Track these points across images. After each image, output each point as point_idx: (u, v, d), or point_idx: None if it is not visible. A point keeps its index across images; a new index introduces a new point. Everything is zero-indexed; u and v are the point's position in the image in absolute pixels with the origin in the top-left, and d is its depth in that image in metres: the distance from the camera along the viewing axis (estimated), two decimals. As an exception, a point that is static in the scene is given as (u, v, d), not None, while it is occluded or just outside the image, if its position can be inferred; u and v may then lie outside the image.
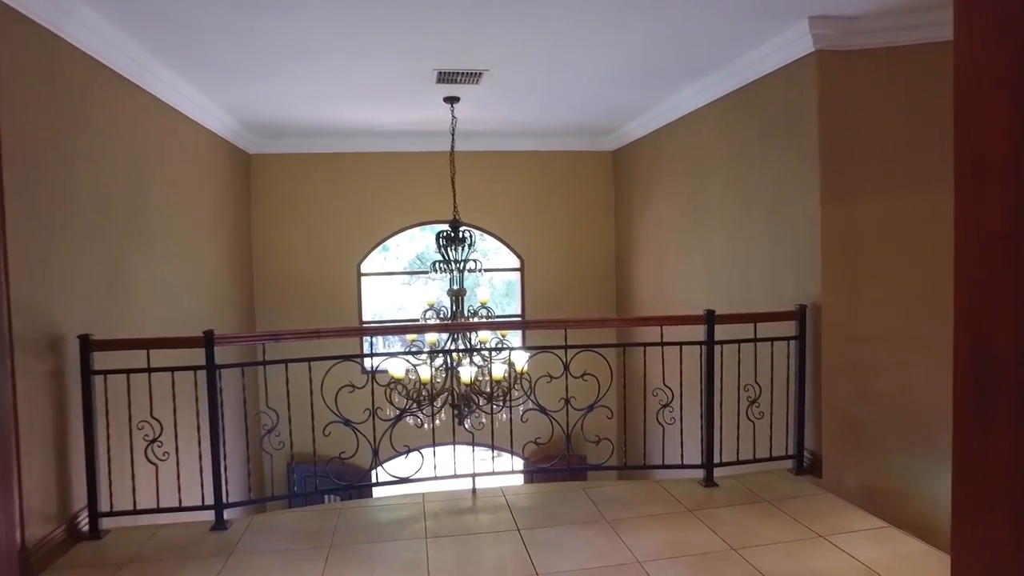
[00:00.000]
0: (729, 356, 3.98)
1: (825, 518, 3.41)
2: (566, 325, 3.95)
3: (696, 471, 4.00)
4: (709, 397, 3.95)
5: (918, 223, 3.70)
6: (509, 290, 9.26)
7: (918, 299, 3.76)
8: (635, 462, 4.06)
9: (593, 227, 8.07)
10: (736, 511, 3.53)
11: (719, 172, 5.17)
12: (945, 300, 3.39)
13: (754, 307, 4.41)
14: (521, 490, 3.96)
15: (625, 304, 7.66)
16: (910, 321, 3.84)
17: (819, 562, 2.94)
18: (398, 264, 10.63)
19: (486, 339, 5.23)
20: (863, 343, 3.88)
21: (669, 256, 6.28)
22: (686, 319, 4.02)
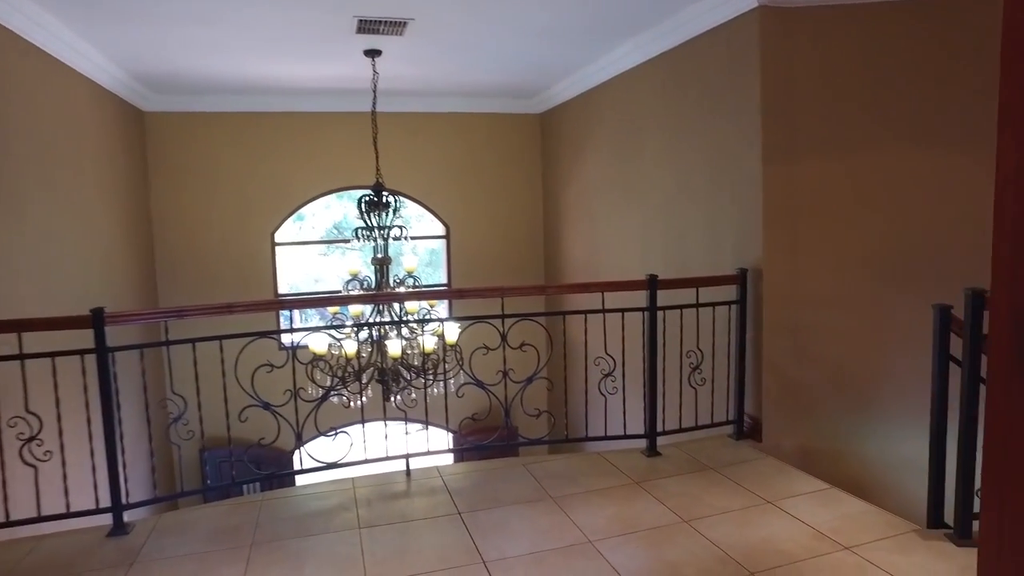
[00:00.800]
0: (671, 322, 3.87)
1: (770, 483, 3.38)
2: (503, 293, 3.72)
3: (639, 441, 3.90)
4: (652, 365, 3.84)
5: (858, 185, 3.67)
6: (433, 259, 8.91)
7: (856, 262, 3.76)
8: (577, 434, 3.91)
9: (520, 193, 7.83)
10: (682, 481, 3.45)
11: (655, 134, 5.03)
12: (881, 262, 3.34)
13: (692, 272, 4.32)
14: (458, 469, 3.73)
15: (554, 272, 7.51)
16: (848, 284, 3.84)
17: (770, 529, 2.88)
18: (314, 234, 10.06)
19: (414, 310, 4.94)
20: (803, 306, 3.86)
21: (601, 221, 6.14)
22: (628, 284, 3.86)
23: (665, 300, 3.82)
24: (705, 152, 4.38)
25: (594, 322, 3.80)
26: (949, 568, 2.54)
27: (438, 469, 3.71)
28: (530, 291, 4.12)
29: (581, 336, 3.84)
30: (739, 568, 2.57)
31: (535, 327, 4.08)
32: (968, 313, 2.65)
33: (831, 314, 3.85)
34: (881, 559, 2.61)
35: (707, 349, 3.98)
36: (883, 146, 3.39)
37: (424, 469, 3.70)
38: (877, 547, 2.71)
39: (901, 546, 2.71)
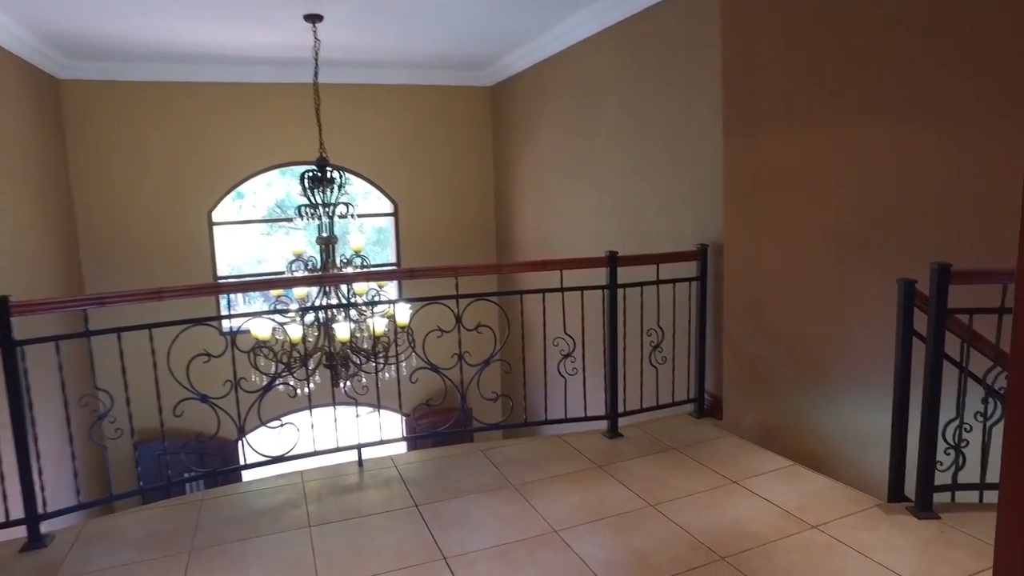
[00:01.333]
0: (631, 300, 3.77)
1: (733, 462, 3.33)
2: (456, 272, 3.53)
3: (600, 423, 3.80)
4: (613, 344, 3.73)
5: (821, 158, 3.60)
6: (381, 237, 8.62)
7: (817, 236, 3.70)
8: (536, 418, 3.79)
9: (471, 168, 7.61)
10: (646, 462, 3.36)
11: (611, 106, 4.88)
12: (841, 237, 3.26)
13: (651, 249, 4.22)
14: (414, 458, 3.56)
15: (506, 250, 7.35)
16: (808, 258, 3.79)
17: (738, 510, 2.82)
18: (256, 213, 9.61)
19: (363, 291, 4.71)
20: (763, 282, 3.80)
21: (555, 197, 5.99)
22: (588, 262, 3.73)
23: (625, 277, 3.70)
24: (664, 125, 4.27)
25: (553, 301, 3.66)
26: (912, 542, 2.52)
27: (392, 458, 3.53)
28: (485, 270, 3.95)
29: (539, 316, 3.70)
30: (709, 553, 2.49)
31: (491, 308, 3.91)
32: (933, 288, 2.61)
33: (791, 289, 3.80)
34: (848, 536, 2.58)
35: (668, 327, 3.90)
36: (846, 118, 3.33)
37: (377, 459, 3.52)
38: (843, 524, 2.67)
39: (865, 522, 2.69)
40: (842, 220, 3.57)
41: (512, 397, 3.69)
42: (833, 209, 3.56)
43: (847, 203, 3.56)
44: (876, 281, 3.69)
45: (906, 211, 3.32)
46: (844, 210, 3.52)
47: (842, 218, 3.56)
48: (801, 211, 3.68)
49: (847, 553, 2.47)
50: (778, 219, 3.74)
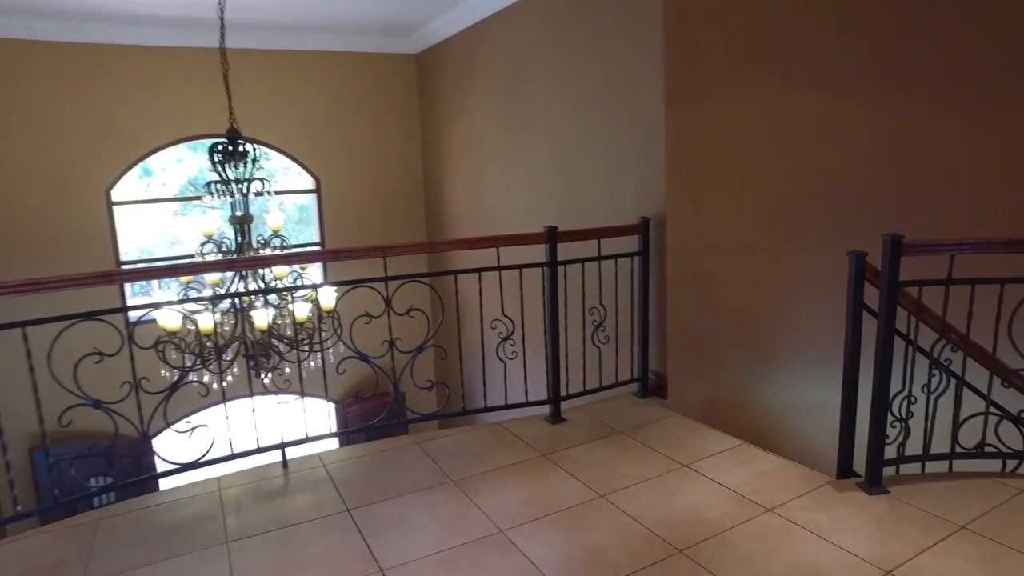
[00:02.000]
0: (572, 278, 3.58)
1: (682, 444, 3.22)
2: (385, 252, 3.24)
3: (542, 408, 3.62)
4: (554, 324, 3.54)
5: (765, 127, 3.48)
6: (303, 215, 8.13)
7: (759, 207, 3.61)
8: (475, 405, 3.58)
9: (398, 142, 7.23)
10: (592, 449, 3.21)
11: (546, 74, 4.64)
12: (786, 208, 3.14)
13: (590, 223, 4.02)
14: (344, 455, 3.28)
15: (437, 227, 7.04)
16: (751, 230, 3.70)
17: (692, 496, 2.70)
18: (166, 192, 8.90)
19: (283, 275, 4.34)
20: (707, 255, 3.68)
21: (488, 172, 5.72)
22: (526, 238, 3.50)
23: (565, 254, 3.51)
24: (602, 93, 4.06)
25: (489, 281, 3.44)
26: (865, 520, 2.47)
27: (320, 457, 3.24)
28: (416, 249, 3.68)
29: (475, 297, 3.46)
30: (666, 546, 2.35)
31: (423, 290, 3.67)
32: (886, 260, 2.52)
33: (735, 262, 3.70)
34: (803, 518, 2.49)
35: (610, 305, 3.74)
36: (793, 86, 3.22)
37: (304, 458, 3.22)
38: (797, 505, 2.59)
39: (819, 501, 2.61)
40: (786, 191, 3.48)
41: (448, 385, 3.46)
42: (777, 180, 3.46)
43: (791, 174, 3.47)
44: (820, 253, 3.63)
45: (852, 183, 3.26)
46: (788, 181, 3.43)
47: (786, 189, 3.47)
48: (745, 182, 3.57)
49: (804, 537, 2.38)
50: (721, 190, 3.62)
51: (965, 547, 2.27)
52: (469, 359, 3.54)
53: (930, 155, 3.14)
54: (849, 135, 3.28)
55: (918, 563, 2.19)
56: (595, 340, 3.73)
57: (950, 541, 2.31)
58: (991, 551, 2.24)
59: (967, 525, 2.40)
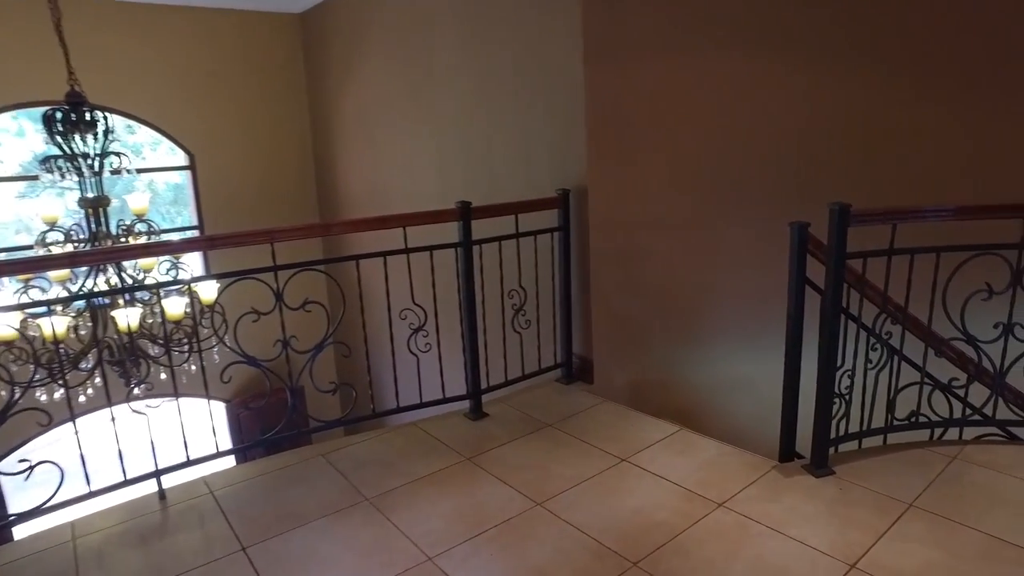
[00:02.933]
0: (489, 258, 3.24)
1: (616, 434, 2.98)
2: (272, 237, 2.76)
3: (461, 403, 3.28)
4: (470, 310, 3.19)
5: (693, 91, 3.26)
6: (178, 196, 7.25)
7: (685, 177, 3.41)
8: (386, 406, 3.19)
9: (283, 112, 6.53)
10: (521, 447, 2.91)
11: (449, 32, 4.20)
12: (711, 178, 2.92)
13: (503, 199, 3.67)
14: (236, 476, 2.80)
15: (331, 207, 6.46)
16: (673, 202, 3.50)
17: (637, 496, 2.46)
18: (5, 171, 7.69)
19: (150, 266, 3.72)
20: (630, 229, 3.45)
21: (387, 145, 5.23)
22: (436, 216, 3.11)
23: (479, 233, 3.15)
24: (513, 52, 3.70)
25: (396, 266, 3.04)
26: (818, 507, 2.33)
27: (207, 482, 2.74)
28: (309, 232, 3.20)
29: (381, 285, 3.05)
30: (619, 560, 2.09)
31: (320, 279, 3.21)
32: (833, 231, 2.35)
33: (660, 235, 3.50)
34: (757, 511, 2.32)
35: (530, 286, 3.44)
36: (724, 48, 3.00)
37: (186, 485, 2.72)
38: (748, 496, 2.42)
39: (768, 490, 2.45)
40: (711, 161, 3.29)
41: (355, 385, 3.04)
42: (703, 148, 3.26)
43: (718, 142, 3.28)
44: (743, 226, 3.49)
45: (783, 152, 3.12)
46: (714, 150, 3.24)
47: (711, 159, 3.28)
48: (670, 151, 3.34)
49: (762, 533, 2.19)
50: (646, 159, 3.38)
51: (918, 527, 2.17)
52: (377, 355, 3.14)
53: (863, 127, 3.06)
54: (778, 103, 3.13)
55: (878, 552, 2.06)
56: (516, 325, 3.42)
57: (903, 522, 2.20)
58: (943, 529, 2.16)
59: (914, 503, 2.32)
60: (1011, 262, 2.49)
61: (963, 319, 2.54)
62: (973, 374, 2.69)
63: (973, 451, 2.67)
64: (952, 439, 2.79)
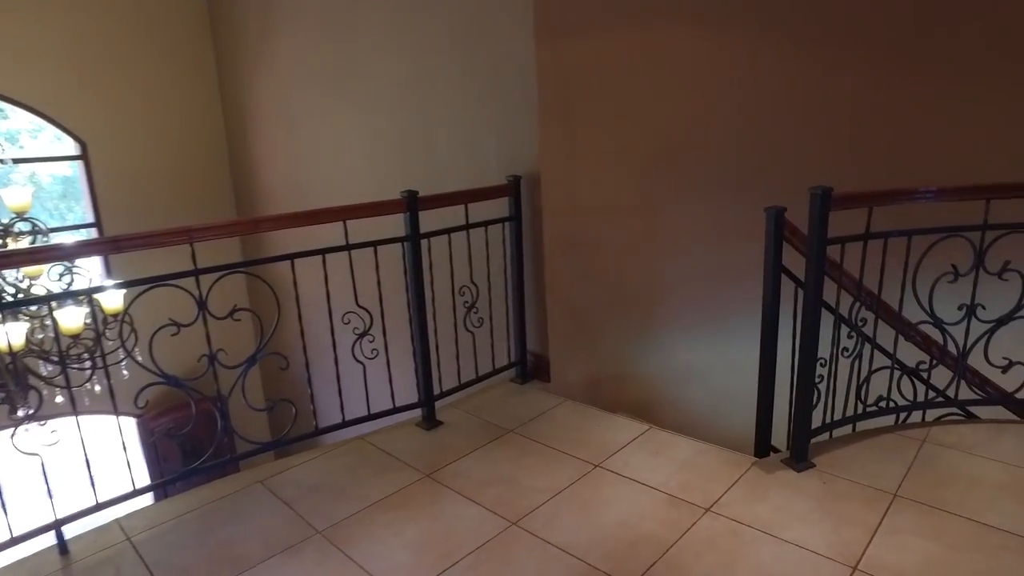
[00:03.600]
0: (437, 253, 2.97)
1: (583, 437, 2.80)
2: (191, 236, 2.38)
3: (413, 412, 3.01)
4: (420, 311, 2.91)
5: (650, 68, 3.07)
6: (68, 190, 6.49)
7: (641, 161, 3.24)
8: (330, 421, 2.86)
9: (190, 95, 5.93)
10: (484, 458, 2.67)
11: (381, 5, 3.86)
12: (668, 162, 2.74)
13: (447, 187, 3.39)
14: (157, 515, 2.41)
15: (248, 203, 5.95)
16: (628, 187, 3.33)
17: (618, 506, 2.28)
18: None
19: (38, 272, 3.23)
20: (585, 217, 3.26)
21: (311, 130, 4.82)
22: (380, 207, 2.81)
23: (427, 225, 2.88)
24: (454, 27, 3.41)
25: (336, 265, 2.72)
26: (808, 504, 2.23)
27: (121, 525, 2.35)
28: (235, 229, 2.81)
29: (320, 288, 2.73)
30: (612, 584, 1.90)
31: (243, 284, 2.85)
32: (815, 216, 2.23)
33: (616, 222, 3.32)
34: (746, 514, 2.18)
35: (482, 282, 3.20)
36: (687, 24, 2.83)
37: (97, 531, 2.32)
38: (733, 498, 2.29)
39: (753, 490, 2.33)
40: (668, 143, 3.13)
41: (294, 401, 2.71)
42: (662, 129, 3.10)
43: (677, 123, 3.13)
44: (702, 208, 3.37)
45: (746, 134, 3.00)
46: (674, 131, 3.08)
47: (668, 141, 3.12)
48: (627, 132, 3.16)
49: (756, 539, 2.06)
50: (602, 142, 3.19)
51: (907, 518, 2.11)
52: (319, 365, 2.82)
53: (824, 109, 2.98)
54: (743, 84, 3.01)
55: (876, 550, 1.97)
56: (468, 324, 3.17)
57: (892, 515, 2.13)
58: (930, 519, 2.10)
59: (898, 492, 2.25)
60: (975, 243, 2.47)
61: (931, 303, 2.51)
62: (938, 357, 2.67)
63: (939, 433, 2.65)
64: (915, 422, 2.77)
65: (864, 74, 2.75)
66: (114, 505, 2.32)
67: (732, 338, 3.64)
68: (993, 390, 2.76)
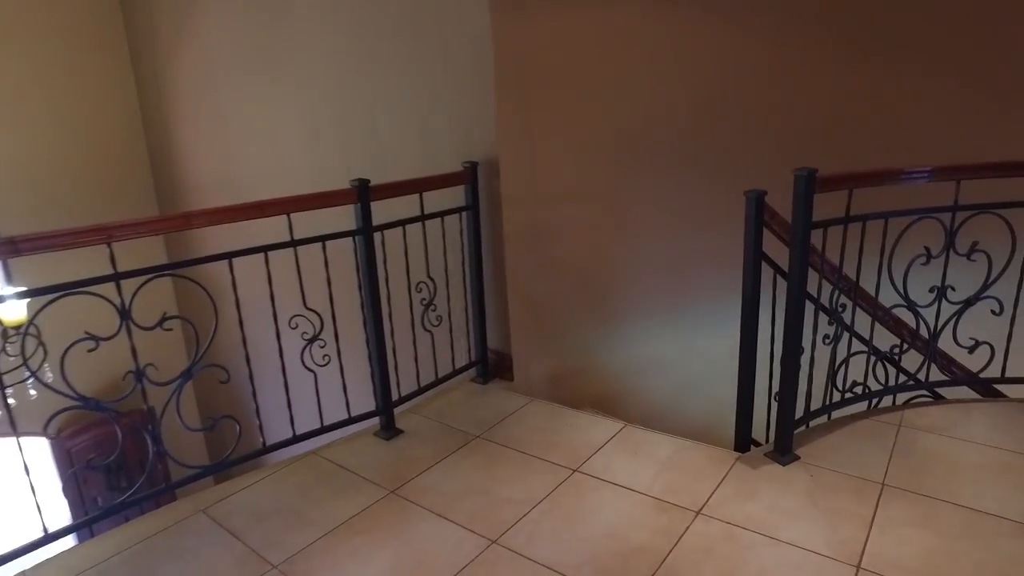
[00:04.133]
0: (391, 247, 2.73)
1: (555, 440, 2.63)
2: (110, 235, 2.07)
3: (371, 420, 2.77)
4: (375, 311, 2.67)
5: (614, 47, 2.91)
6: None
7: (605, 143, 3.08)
8: (279, 437, 2.58)
9: (99, 76, 5.36)
10: (451, 469, 2.47)
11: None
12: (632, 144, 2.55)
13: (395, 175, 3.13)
14: (81, 560, 2.08)
15: (171, 196, 5.46)
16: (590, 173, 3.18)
17: (604, 514, 2.13)
18: None
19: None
20: (546, 204, 3.08)
21: (239, 116, 4.43)
22: (327, 198, 2.54)
23: (379, 217, 2.63)
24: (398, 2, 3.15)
25: (281, 264, 2.45)
26: (799, 500, 2.14)
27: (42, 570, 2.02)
28: (163, 225, 2.46)
29: (263, 290, 2.44)
30: (612, 606, 1.74)
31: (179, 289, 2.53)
32: (800, 199, 2.12)
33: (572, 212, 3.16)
34: (739, 515, 2.08)
35: (440, 276, 2.98)
36: None
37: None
38: (723, 498, 2.17)
39: (742, 488, 2.23)
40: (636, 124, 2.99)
41: (238, 417, 2.42)
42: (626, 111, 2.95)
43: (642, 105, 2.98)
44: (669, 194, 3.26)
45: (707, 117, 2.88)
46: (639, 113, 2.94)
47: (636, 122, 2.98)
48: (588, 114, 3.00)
49: (754, 542, 1.95)
50: (561, 124, 3.02)
51: (899, 509, 2.06)
52: (263, 376, 2.53)
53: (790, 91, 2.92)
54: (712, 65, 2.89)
55: (875, 545, 1.90)
56: (426, 323, 2.94)
57: (884, 506, 2.07)
58: (921, 507, 2.06)
59: (885, 481, 2.20)
60: (946, 224, 2.44)
61: (905, 286, 2.46)
62: (909, 341, 2.65)
63: (912, 416, 2.63)
64: (887, 406, 2.75)
65: (838, 58, 2.69)
66: (20, 557, 1.99)
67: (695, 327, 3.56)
68: (959, 370, 2.77)
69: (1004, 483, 2.17)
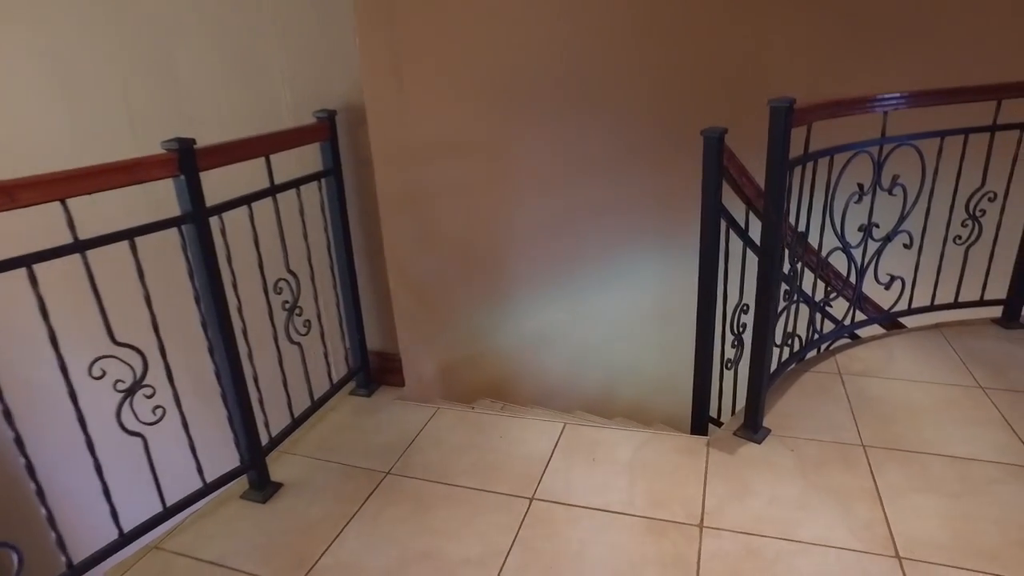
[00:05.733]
0: (234, 236, 1.93)
1: (490, 461, 2.10)
2: None
3: (237, 480, 1.99)
4: (223, 326, 1.86)
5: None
6: None
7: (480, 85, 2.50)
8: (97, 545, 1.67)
9: None
10: (370, 529, 1.82)
11: None
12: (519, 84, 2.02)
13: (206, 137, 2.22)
14: None
15: None
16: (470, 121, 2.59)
17: (595, 556, 1.66)
18: None
19: None
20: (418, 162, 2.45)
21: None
22: (132, 170, 1.65)
23: (211, 197, 1.81)
24: None
25: (59, 281, 1.57)
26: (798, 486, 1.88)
27: None
28: None
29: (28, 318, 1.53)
30: None
31: None
32: (779, 135, 1.76)
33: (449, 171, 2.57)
34: (744, 520, 1.75)
35: (303, 268, 2.22)
36: None
37: None
38: (719, 501, 1.83)
39: (732, 483, 1.90)
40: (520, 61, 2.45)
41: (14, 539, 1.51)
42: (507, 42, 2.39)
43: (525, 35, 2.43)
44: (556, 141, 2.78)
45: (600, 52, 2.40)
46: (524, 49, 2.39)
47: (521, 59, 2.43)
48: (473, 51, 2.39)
49: (779, 552, 1.63)
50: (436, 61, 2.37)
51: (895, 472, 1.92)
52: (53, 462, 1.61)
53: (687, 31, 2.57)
54: None
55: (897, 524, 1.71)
56: (291, 333, 2.18)
57: (879, 472, 1.93)
58: (911, 466, 1.95)
59: (864, 443, 2.04)
60: (874, 157, 2.28)
61: (843, 227, 2.28)
62: (839, 288, 2.51)
63: (844, 362, 2.54)
64: (812, 356, 2.61)
65: None
66: None
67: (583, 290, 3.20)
68: (871, 308, 2.72)
69: (959, 420, 2.13)
